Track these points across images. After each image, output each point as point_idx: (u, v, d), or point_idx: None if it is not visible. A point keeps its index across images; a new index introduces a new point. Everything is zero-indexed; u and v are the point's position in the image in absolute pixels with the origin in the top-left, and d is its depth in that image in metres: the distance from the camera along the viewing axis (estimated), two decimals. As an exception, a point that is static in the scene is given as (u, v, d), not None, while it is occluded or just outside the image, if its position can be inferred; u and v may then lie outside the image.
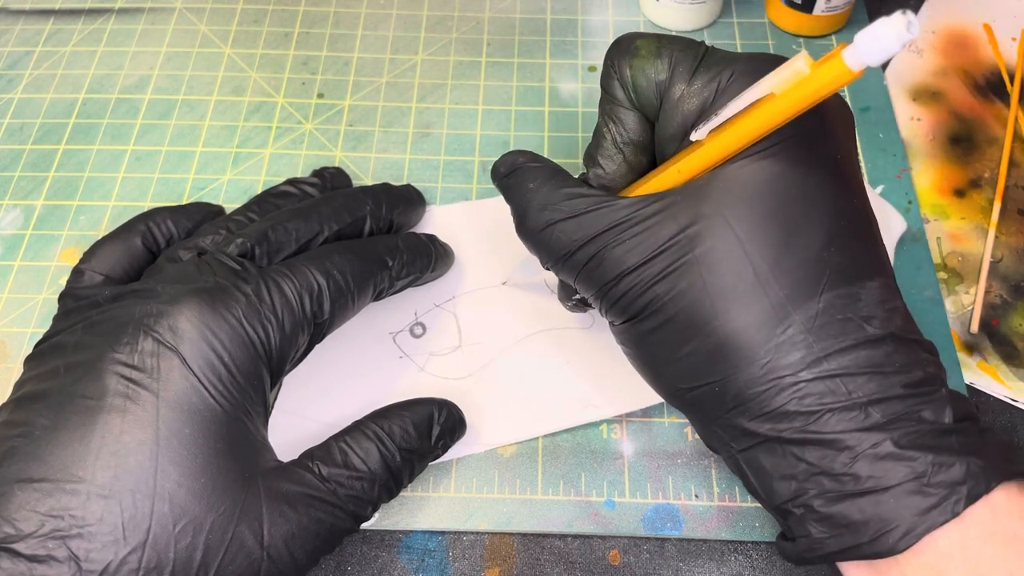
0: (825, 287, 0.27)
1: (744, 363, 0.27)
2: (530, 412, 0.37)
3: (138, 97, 0.49)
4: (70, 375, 0.29)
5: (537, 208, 0.31)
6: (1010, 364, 0.39)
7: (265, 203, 0.38)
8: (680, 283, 0.28)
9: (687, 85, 0.30)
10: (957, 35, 0.51)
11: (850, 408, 0.26)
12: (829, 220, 0.28)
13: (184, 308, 0.29)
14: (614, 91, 0.32)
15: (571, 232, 0.30)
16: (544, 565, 0.35)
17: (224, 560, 0.27)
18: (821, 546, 0.27)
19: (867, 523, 0.26)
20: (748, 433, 0.28)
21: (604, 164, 0.32)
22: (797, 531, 0.28)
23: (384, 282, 0.36)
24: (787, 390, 0.27)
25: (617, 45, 0.32)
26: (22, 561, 0.25)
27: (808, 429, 0.26)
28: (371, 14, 0.52)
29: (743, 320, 0.27)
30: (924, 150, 0.46)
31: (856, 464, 0.26)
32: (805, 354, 0.27)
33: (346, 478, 0.31)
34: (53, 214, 0.44)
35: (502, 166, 0.34)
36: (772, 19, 0.51)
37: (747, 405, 0.27)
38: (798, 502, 0.27)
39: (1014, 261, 0.42)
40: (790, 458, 0.27)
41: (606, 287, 0.29)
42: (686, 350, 0.28)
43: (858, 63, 0.22)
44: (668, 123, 0.30)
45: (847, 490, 0.26)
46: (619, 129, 0.32)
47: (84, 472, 0.27)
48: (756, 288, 0.27)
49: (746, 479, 0.29)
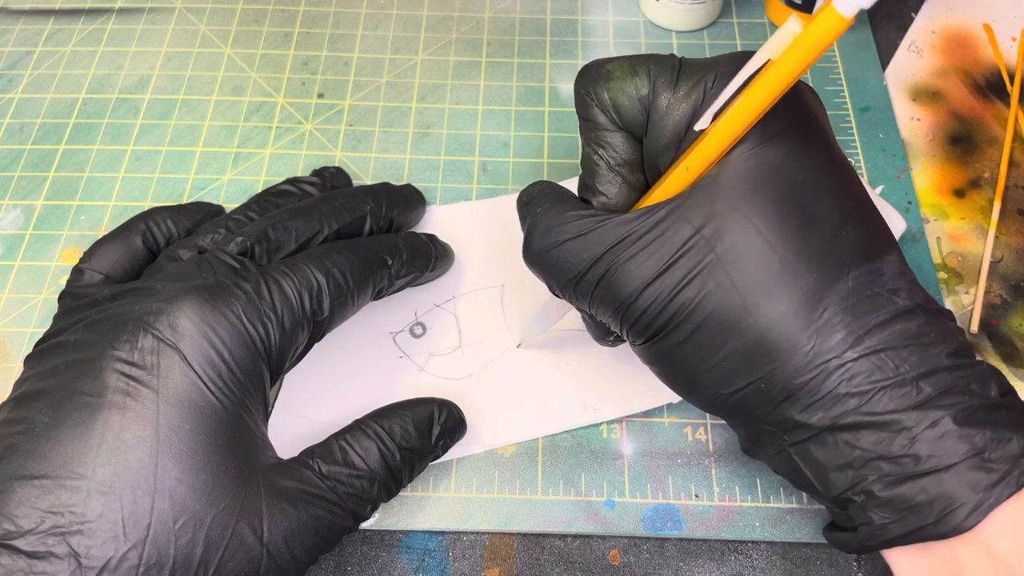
0: (850, 265, 0.27)
1: (787, 354, 0.27)
2: (530, 413, 0.37)
3: (138, 97, 0.49)
4: (70, 373, 0.29)
5: (542, 231, 0.30)
6: (1010, 364, 0.39)
7: (265, 202, 0.38)
8: (707, 285, 0.27)
9: (672, 93, 0.30)
10: (957, 35, 0.51)
11: (901, 384, 0.26)
12: (839, 201, 0.28)
13: (184, 305, 0.29)
14: (595, 117, 0.31)
15: (578, 252, 0.29)
16: (544, 565, 0.35)
17: (224, 556, 0.27)
18: (884, 531, 0.27)
19: (931, 503, 0.26)
20: (800, 426, 0.27)
21: (605, 190, 0.31)
22: (858, 519, 0.27)
23: (384, 281, 0.36)
24: (835, 372, 0.26)
25: (586, 72, 0.32)
26: (22, 558, 0.25)
27: (863, 411, 0.26)
28: (371, 14, 0.52)
29: (778, 311, 0.27)
30: (924, 150, 0.46)
31: (916, 444, 0.26)
32: (846, 334, 0.26)
33: (346, 476, 0.31)
34: (53, 214, 0.44)
35: (524, 195, 0.33)
36: (772, 19, 0.51)
37: (797, 395, 0.27)
38: (857, 489, 0.27)
39: (1014, 261, 0.42)
40: (843, 447, 0.27)
41: (624, 304, 0.29)
42: (722, 354, 0.28)
43: (849, 8, 0.22)
44: (659, 134, 0.30)
45: (908, 472, 0.26)
46: (610, 153, 0.31)
47: (84, 469, 0.27)
48: (785, 277, 0.27)
49: (798, 475, 0.29)
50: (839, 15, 0.22)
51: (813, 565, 0.34)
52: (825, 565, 0.34)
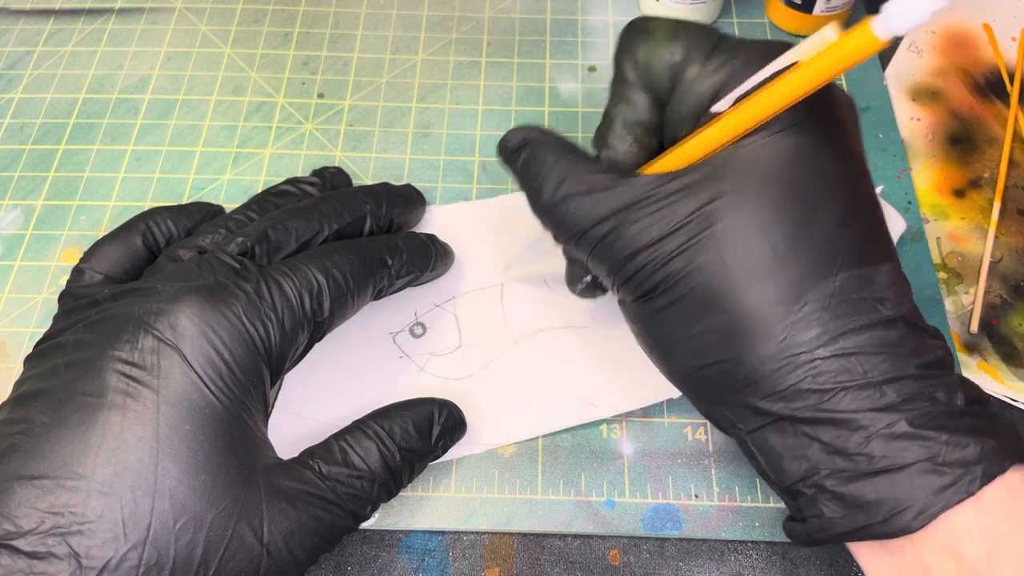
0: (841, 266, 0.27)
1: (760, 340, 0.27)
2: (530, 412, 0.37)
3: (138, 97, 0.49)
4: (70, 373, 0.29)
5: (555, 182, 0.31)
6: (1010, 364, 0.39)
7: (265, 202, 0.38)
8: (698, 258, 0.28)
9: (702, 66, 0.30)
10: (957, 35, 0.51)
11: (864, 387, 0.26)
12: (844, 200, 0.28)
13: (184, 306, 0.29)
14: (626, 71, 0.32)
15: (589, 208, 0.30)
16: (544, 565, 0.35)
17: (224, 557, 0.27)
18: (833, 526, 0.27)
19: (881, 502, 0.26)
20: (759, 412, 0.28)
21: (615, 145, 0.32)
22: (808, 511, 0.28)
23: (384, 281, 0.36)
24: (802, 367, 0.27)
25: (631, 27, 0.32)
26: (22, 558, 0.25)
27: (822, 407, 0.26)
28: (371, 14, 0.52)
29: (760, 297, 0.27)
30: (924, 150, 0.46)
31: (871, 444, 0.26)
32: (821, 331, 0.27)
33: (346, 476, 0.31)
34: (53, 214, 0.44)
35: (511, 140, 0.33)
36: (772, 19, 0.51)
37: (760, 383, 0.27)
38: (809, 482, 0.27)
39: (1014, 261, 0.42)
40: (802, 438, 0.27)
41: (621, 263, 0.29)
42: (700, 327, 0.28)
43: (886, 32, 0.23)
44: (681, 104, 0.30)
45: (861, 469, 0.26)
46: (629, 109, 0.32)
47: (84, 469, 0.27)
48: (774, 265, 0.27)
49: (755, 460, 0.29)
50: (874, 36, 0.23)
51: (813, 565, 0.34)
52: (825, 565, 0.34)
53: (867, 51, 0.24)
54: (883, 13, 0.22)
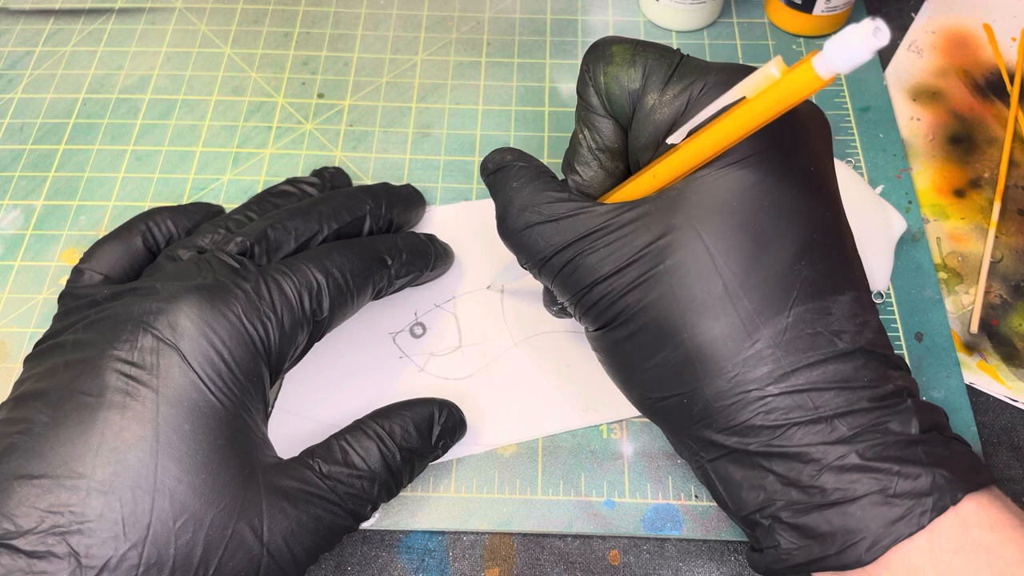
0: (795, 301, 0.27)
1: (711, 376, 0.27)
2: (530, 413, 0.37)
3: (138, 97, 0.49)
4: (70, 372, 0.29)
5: (518, 208, 0.31)
6: (1010, 364, 0.39)
7: (264, 202, 0.38)
8: (650, 294, 0.28)
9: (659, 95, 0.30)
10: (957, 35, 0.51)
11: (816, 422, 0.26)
12: (801, 234, 0.27)
13: (183, 305, 0.29)
14: (589, 97, 0.32)
15: (549, 236, 0.30)
16: (544, 565, 0.35)
17: (224, 556, 0.27)
18: (789, 557, 0.27)
19: (834, 535, 0.26)
20: (715, 445, 0.28)
21: (581, 171, 0.32)
22: (765, 542, 0.28)
23: (383, 281, 0.36)
24: (753, 404, 0.27)
25: (594, 50, 0.32)
26: (22, 557, 0.25)
27: (773, 443, 0.27)
28: (371, 14, 0.52)
29: (711, 333, 0.27)
30: (924, 150, 0.46)
31: (822, 476, 0.26)
32: (772, 368, 0.27)
33: (346, 476, 0.31)
34: (53, 214, 0.44)
35: (490, 163, 0.34)
36: (772, 19, 0.51)
37: (713, 418, 0.27)
38: (766, 513, 0.27)
39: (1014, 261, 0.42)
40: (758, 469, 0.27)
41: (580, 293, 0.30)
42: (655, 360, 0.28)
43: (827, 70, 0.22)
44: (641, 132, 0.30)
45: (814, 502, 0.26)
46: (594, 136, 0.32)
47: (84, 468, 0.27)
48: (725, 301, 0.27)
49: (714, 489, 0.29)
50: (816, 74, 0.22)
51: (813, 565, 0.34)
52: None
53: (809, 89, 0.23)
54: (823, 52, 0.22)
